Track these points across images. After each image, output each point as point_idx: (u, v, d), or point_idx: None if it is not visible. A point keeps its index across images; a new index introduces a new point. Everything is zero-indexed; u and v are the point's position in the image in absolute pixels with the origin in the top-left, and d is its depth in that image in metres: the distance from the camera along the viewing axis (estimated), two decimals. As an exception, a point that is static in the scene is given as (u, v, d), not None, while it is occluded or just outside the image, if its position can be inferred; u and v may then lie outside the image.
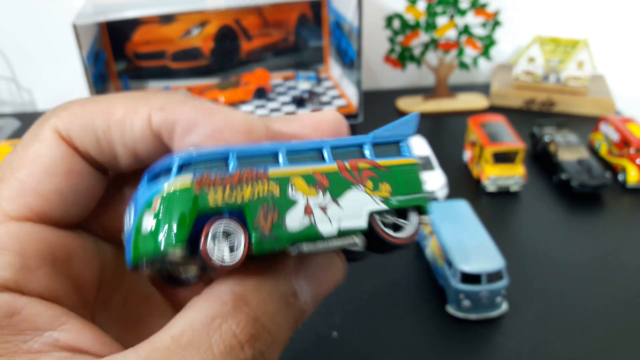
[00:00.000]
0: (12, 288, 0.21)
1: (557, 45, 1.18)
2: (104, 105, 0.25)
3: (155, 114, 0.24)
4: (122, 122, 0.24)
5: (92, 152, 0.25)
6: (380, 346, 0.62)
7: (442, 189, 0.87)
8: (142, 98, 0.25)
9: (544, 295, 0.68)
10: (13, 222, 0.22)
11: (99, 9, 0.98)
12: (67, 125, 0.24)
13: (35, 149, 0.24)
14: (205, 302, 0.22)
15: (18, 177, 0.23)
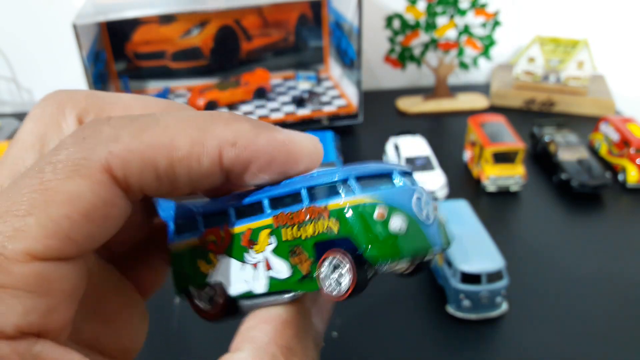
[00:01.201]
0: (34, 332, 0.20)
1: (557, 45, 1.18)
2: (163, 136, 0.22)
3: (227, 150, 0.22)
4: (188, 159, 0.22)
5: (148, 192, 0.22)
6: (380, 346, 0.62)
7: (442, 189, 0.87)
8: (206, 128, 0.22)
9: (544, 295, 0.68)
10: (37, 263, 0.20)
11: (99, 9, 0.98)
12: (123, 165, 0.21)
13: (76, 187, 0.21)
14: (254, 358, 0.21)
15: (51, 216, 0.20)
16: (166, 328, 0.65)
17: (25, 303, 0.19)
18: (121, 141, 0.21)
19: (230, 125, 0.22)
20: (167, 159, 0.21)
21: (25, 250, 0.20)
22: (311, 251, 0.22)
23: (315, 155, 0.24)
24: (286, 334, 0.22)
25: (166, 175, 0.22)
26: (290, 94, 1.22)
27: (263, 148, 0.22)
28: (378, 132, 1.08)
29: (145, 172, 0.21)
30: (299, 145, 0.23)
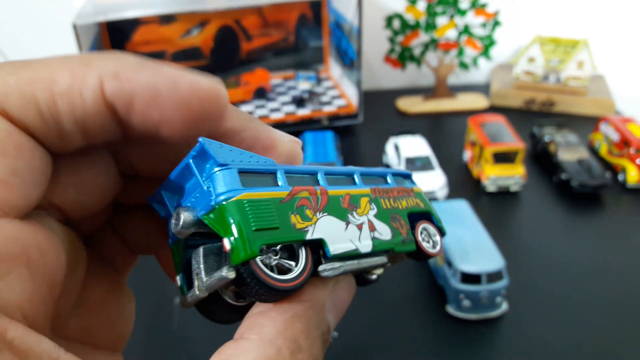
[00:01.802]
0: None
1: (557, 45, 1.18)
2: (42, 72, 0.20)
3: (108, 82, 0.20)
4: (69, 93, 0.20)
5: (36, 130, 0.20)
6: (380, 346, 0.62)
7: (442, 189, 0.87)
8: (87, 62, 0.21)
9: (544, 295, 0.68)
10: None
11: (99, 9, 0.98)
12: (2, 98, 0.20)
13: None
14: (257, 349, 0.20)
15: None
16: (166, 328, 0.65)
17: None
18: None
19: (114, 59, 0.21)
20: (47, 92, 0.20)
21: None
22: (406, 219, 0.28)
23: (210, 100, 0.22)
24: (295, 327, 0.22)
25: (49, 112, 0.20)
26: (290, 94, 1.22)
27: (146, 79, 0.21)
28: (378, 132, 1.08)
29: (25, 106, 0.20)
30: (190, 82, 0.21)
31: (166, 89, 0.21)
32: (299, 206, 0.23)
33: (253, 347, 0.20)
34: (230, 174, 0.22)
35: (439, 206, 0.74)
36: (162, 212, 0.23)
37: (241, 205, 0.21)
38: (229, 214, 0.21)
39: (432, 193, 0.86)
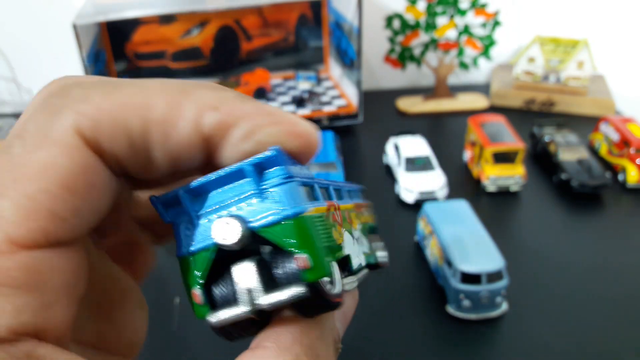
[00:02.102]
0: (30, 333, 0.17)
1: (557, 45, 1.18)
2: (136, 97, 0.19)
3: (208, 114, 0.19)
4: (164, 123, 0.19)
5: (123, 160, 0.19)
6: (380, 346, 0.62)
7: (442, 189, 0.87)
8: (185, 91, 0.20)
9: (544, 295, 0.68)
10: (23, 252, 0.17)
11: (99, 9, 0.98)
12: (93, 125, 0.19)
13: (47, 154, 0.18)
14: (277, 357, 0.20)
15: (26, 193, 0.17)
16: (166, 328, 0.65)
17: (15, 301, 0.17)
18: (91, 101, 0.19)
19: (213, 91, 0.20)
20: (141, 120, 0.19)
21: (6, 237, 0.17)
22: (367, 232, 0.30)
23: (305, 135, 0.21)
24: (311, 335, 0.21)
25: (141, 140, 0.19)
26: (290, 94, 1.22)
27: (248, 113, 0.20)
28: (378, 132, 1.08)
29: (117, 135, 0.19)
30: (289, 121, 0.21)
31: (266, 125, 0.20)
32: (333, 221, 0.22)
33: (271, 355, 0.20)
34: (297, 186, 0.21)
35: (439, 206, 0.74)
36: (167, 217, 0.21)
37: (312, 221, 0.20)
38: (303, 230, 0.20)
39: (432, 193, 0.86)
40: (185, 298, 0.23)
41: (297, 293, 0.19)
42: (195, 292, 0.20)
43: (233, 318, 0.20)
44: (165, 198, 0.21)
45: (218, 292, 0.21)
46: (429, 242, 0.72)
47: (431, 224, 0.71)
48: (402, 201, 0.88)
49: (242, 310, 0.20)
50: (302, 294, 0.19)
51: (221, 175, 0.20)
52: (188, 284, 0.21)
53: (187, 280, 0.21)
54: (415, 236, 0.78)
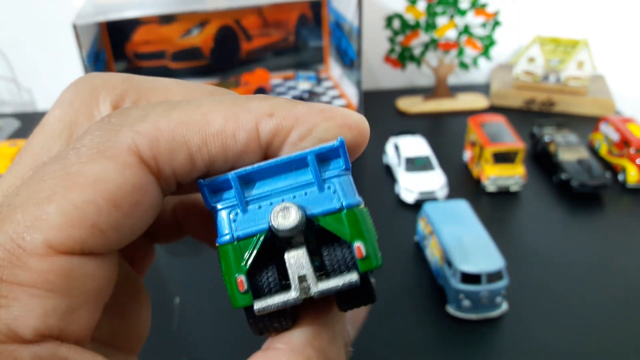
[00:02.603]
0: (53, 335, 0.18)
1: (557, 45, 1.18)
2: (194, 114, 0.20)
3: (264, 121, 0.20)
4: (222, 134, 0.20)
5: (180, 175, 0.20)
6: (380, 346, 0.62)
7: (442, 189, 0.87)
8: (238, 104, 0.20)
9: (544, 295, 0.68)
10: (60, 257, 0.18)
11: (99, 9, 0.98)
12: (151, 144, 0.19)
13: (100, 168, 0.18)
14: (287, 359, 0.20)
15: (72, 201, 0.18)
16: (166, 328, 0.65)
17: (45, 304, 0.17)
18: (149, 120, 0.20)
19: (265, 100, 0.21)
20: (200, 135, 0.20)
21: (46, 241, 0.17)
22: None
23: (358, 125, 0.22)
24: (323, 337, 0.21)
25: (200, 154, 0.20)
26: (290, 94, 1.22)
27: (303, 115, 0.21)
28: (378, 132, 1.08)
29: (176, 152, 0.19)
30: (343, 115, 0.21)
31: (322, 121, 0.21)
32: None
33: (282, 356, 0.20)
34: (351, 180, 0.21)
35: (439, 206, 0.74)
36: (211, 202, 0.21)
37: (366, 213, 0.21)
38: (361, 220, 0.20)
39: (432, 193, 0.86)
40: (186, 298, 0.23)
41: (351, 281, 0.20)
42: (240, 279, 0.20)
43: (281, 304, 0.20)
44: (213, 182, 0.21)
45: (262, 280, 0.21)
46: (429, 242, 0.72)
47: (431, 224, 0.71)
48: (402, 201, 0.88)
49: (292, 297, 0.20)
50: (355, 283, 0.20)
51: (276, 163, 0.21)
52: (231, 270, 0.20)
53: (230, 267, 0.20)
54: (415, 236, 0.78)
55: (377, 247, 0.21)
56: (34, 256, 0.17)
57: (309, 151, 0.20)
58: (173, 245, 0.28)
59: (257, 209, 0.21)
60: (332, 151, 0.21)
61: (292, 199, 0.21)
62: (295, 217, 0.20)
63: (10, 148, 0.92)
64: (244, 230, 0.21)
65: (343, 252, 0.20)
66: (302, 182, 0.21)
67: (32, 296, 0.17)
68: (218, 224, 0.21)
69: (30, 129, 1.22)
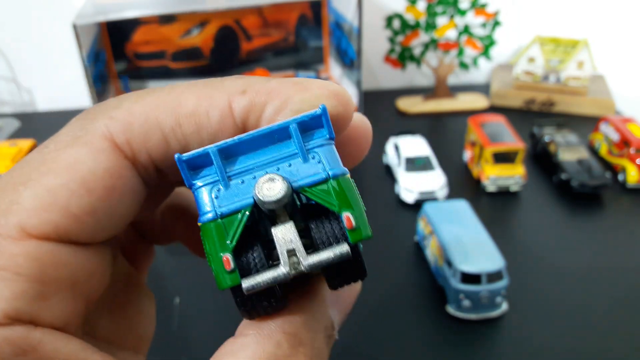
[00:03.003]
0: (24, 319, 0.18)
1: (557, 45, 1.18)
2: (167, 97, 0.20)
3: (237, 98, 0.20)
4: (195, 114, 0.20)
5: (156, 157, 0.20)
6: (380, 346, 0.62)
7: (442, 189, 0.87)
8: (211, 85, 0.21)
9: (544, 295, 0.68)
10: (32, 241, 0.18)
11: (99, 9, 0.98)
12: (124, 128, 0.19)
13: (74, 153, 0.19)
14: (256, 344, 0.20)
15: (46, 185, 0.18)
16: (166, 328, 0.65)
17: (14, 287, 0.17)
18: (123, 106, 0.20)
19: (239, 78, 0.21)
20: (173, 116, 0.20)
21: (19, 224, 0.18)
22: None
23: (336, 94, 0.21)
24: (295, 321, 0.21)
25: (174, 134, 0.20)
26: (290, 94, 1.22)
27: (276, 89, 0.20)
28: (378, 132, 1.07)
29: (149, 134, 0.20)
30: (318, 85, 0.21)
31: (296, 93, 0.20)
32: None
33: (251, 342, 0.20)
34: (335, 149, 0.21)
35: (439, 206, 0.74)
36: (189, 179, 0.20)
37: (353, 183, 0.20)
38: (348, 190, 0.20)
39: (432, 193, 0.86)
40: (186, 298, 0.23)
41: (342, 252, 0.19)
42: (226, 258, 0.19)
43: (271, 281, 0.19)
44: (191, 157, 0.20)
45: (249, 258, 0.20)
46: (429, 242, 0.72)
47: (431, 224, 0.71)
48: (402, 201, 0.88)
49: (282, 272, 0.19)
50: (345, 254, 0.19)
51: (258, 134, 0.20)
52: (215, 249, 0.20)
53: (214, 246, 0.20)
54: (415, 236, 0.78)
55: (365, 217, 0.20)
56: (6, 239, 0.18)
57: (290, 120, 0.20)
58: (173, 245, 0.28)
59: (240, 183, 0.20)
60: (314, 119, 0.20)
61: (276, 171, 0.20)
62: (282, 188, 0.19)
63: (10, 148, 0.92)
64: (228, 207, 0.20)
65: (332, 224, 0.20)
66: (285, 154, 0.20)
67: (1, 279, 0.17)
68: (199, 201, 0.20)
69: (30, 129, 1.22)
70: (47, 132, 0.56)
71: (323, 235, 0.20)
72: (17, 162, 0.20)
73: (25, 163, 0.19)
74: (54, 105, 1.29)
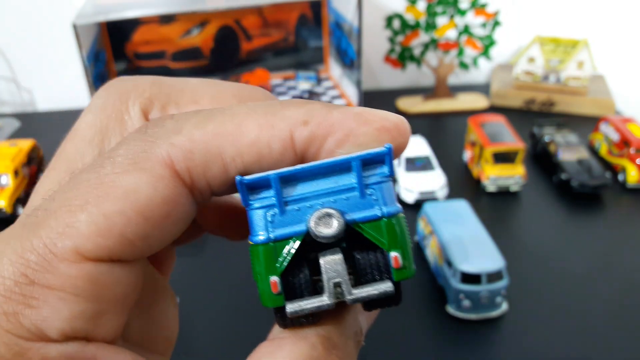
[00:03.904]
0: (79, 338, 0.18)
1: (557, 45, 1.18)
2: (229, 125, 0.20)
3: (298, 130, 0.20)
4: (257, 144, 0.20)
5: (214, 185, 0.20)
6: (380, 346, 0.62)
7: (442, 189, 0.87)
8: (272, 112, 0.20)
9: (544, 295, 0.68)
10: (88, 263, 0.18)
11: (99, 9, 0.98)
12: (186, 156, 0.19)
13: (133, 181, 0.19)
14: (292, 346, 0.20)
15: (104, 211, 0.18)
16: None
17: (72, 307, 0.18)
18: (184, 132, 0.20)
19: (300, 106, 0.21)
20: (234, 146, 0.20)
21: (75, 248, 0.18)
22: None
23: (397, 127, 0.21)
24: (328, 325, 0.21)
25: (234, 164, 0.20)
26: (290, 94, 1.22)
27: (339, 121, 0.20)
28: (378, 132, 1.08)
29: (210, 164, 0.20)
30: (380, 118, 0.21)
31: (358, 126, 0.20)
32: None
33: (286, 344, 0.20)
34: (392, 186, 0.21)
35: (439, 206, 0.74)
36: (246, 199, 0.20)
37: (404, 222, 0.21)
38: (399, 230, 0.20)
39: (432, 193, 0.86)
40: (186, 298, 0.23)
41: (387, 290, 0.20)
42: (274, 281, 0.20)
43: (314, 309, 0.20)
44: (252, 180, 0.20)
45: (295, 282, 0.20)
46: (429, 242, 0.72)
47: (431, 224, 0.71)
48: (402, 201, 0.88)
49: (326, 303, 0.20)
50: (389, 292, 0.20)
51: (319, 165, 0.20)
52: (265, 271, 0.20)
53: (263, 268, 0.20)
54: (415, 236, 0.78)
55: (412, 256, 0.20)
56: (63, 262, 0.18)
57: (355, 156, 0.20)
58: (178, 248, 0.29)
59: (295, 210, 0.20)
60: (377, 157, 0.20)
61: (332, 202, 0.20)
62: (337, 227, 0.20)
63: (10, 148, 0.92)
64: (281, 232, 0.20)
65: (377, 258, 0.20)
66: (343, 186, 0.20)
67: (60, 299, 0.18)
68: (253, 222, 0.21)
69: (30, 129, 1.22)
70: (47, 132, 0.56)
71: (368, 267, 0.20)
72: (70, 179, 0.20)
73: (80, 183, 0.19)
74: (54, 105, 1.29)
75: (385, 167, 0.21)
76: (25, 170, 0.90)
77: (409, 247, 0.21)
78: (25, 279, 0.18)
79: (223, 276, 0.73)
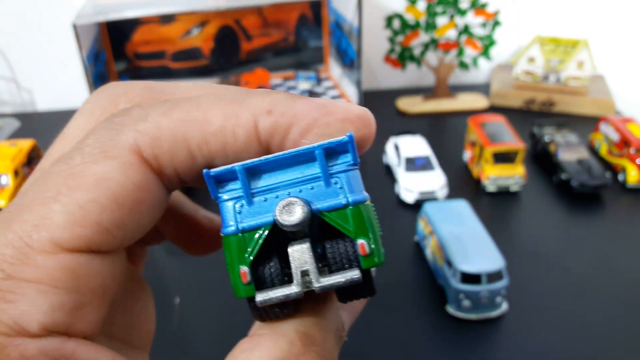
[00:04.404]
0: (60, 331, 0.18)
1: (557, 45, 1.18)
2: (195, 112, 0.20)
3: (262, 118, 0.20)
4: (221, 132, 0.20)
5: (181, 172, 0.21)
6: (380, 346, 0.62)
7: (442, 189, 0.87)
8: (237, 100, 0.21)
9: (544, 295, 0.68)
10: (65, 254, 0.18)
11: (99, 9, 0.98)
12: (153, 143, 0.20)
13: (103, 169, 0.19)
14: (270, 342, 0.20)
15: (77, 201, 0.18)
16: (166, 328, 0.65)
17: (51, 299, 0.18)
18: (150, 119, 0.20)
19: (265, 96, 0.21)
20: (200, 133, 0.20)
21: (51, 239, 0.18)
22: None
23: (361, 118, 0.21)
24: (307, 321, 0.21)
25: (200, 152, 0.20)
26: (290, 94, 1.22)
27: (302, 111, 0.21)
28: (378, 132, 1.06)
29: (177, 150, 0.20)
30: (344, 109, 0.21)
31: (321, 117, 0.21)
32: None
33: (265, 340, 0.20)
34: (359, 175, 0.21)
35: (439, 206, 0.74)
36: (215, 192, 0.21)
37: (371, 210, 0.21)
38: (366, 217, 0.20)
39: (432, 193, 0.86)
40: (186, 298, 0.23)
41: (353, 277, 0.20)
42: (243, 271, 0.20)
43: (283, 298, 0.20)
44: (218, 173, 0.20)
45: (265, 272, 0.21)
46: (428, 242, 0.72)
47: (431, 223, 0.71)
48: (402, 201, 0.88)
49: (294, 291, 0.20)
50: (356, 280, 0.20)
51: (283, 156, 0.20)
52: (235, 262, 0.21)
53: (233, 258, 0.21)
54: (415, 236, 0.78)
55: (380, 244, 0.21)
56: (41, 253, 0.18)
57: (317, 145, 0.20)
58: (173, 245, 0.29)
59: (262, 201, 0.21)
60: (340, 145, 0.20)
61: (298, 192, 0.21)
62: (300, 214, 0.20)
63: (10, 148, 0.92)
64: (249, 222, 0.21)
65: (346, 246, 0.20)
66: (308, 176, 0.21)
67: (39, 292, 0.18)
68: (223, 214, 0.21)
69: (30, 129, 1.22)
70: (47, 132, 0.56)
71: (337, 256, 0.21)
72: (37, 174, 0.20)
73: (51, 176, 0.19)
74: (54, 105, 1.30)
75: (349, 156, 0.21)
76: (25, 170, 0.91)
77: (378, 235, 0.21)
78: (2, 273, 0.18)
79: (223, 276, 0.73)
